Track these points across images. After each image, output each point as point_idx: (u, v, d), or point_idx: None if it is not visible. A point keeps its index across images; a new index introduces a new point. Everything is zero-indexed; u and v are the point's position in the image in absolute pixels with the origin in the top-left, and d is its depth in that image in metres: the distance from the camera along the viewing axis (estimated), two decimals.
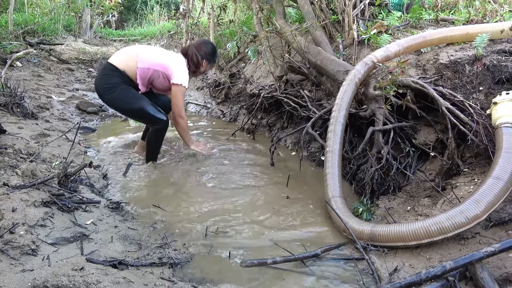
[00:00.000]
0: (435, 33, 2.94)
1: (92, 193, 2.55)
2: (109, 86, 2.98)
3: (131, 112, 3.16)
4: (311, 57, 3.53)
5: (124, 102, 3.03)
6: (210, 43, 3.47)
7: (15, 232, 1.76)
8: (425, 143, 2.68)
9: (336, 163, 2.55)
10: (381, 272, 1.80)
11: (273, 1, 4.51)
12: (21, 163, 2.49)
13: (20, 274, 1.53)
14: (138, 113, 3.08)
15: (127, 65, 3.03)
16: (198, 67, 3.28)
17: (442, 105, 2.44)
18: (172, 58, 3.13)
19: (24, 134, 3.22)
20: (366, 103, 2.91)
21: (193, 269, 1.90)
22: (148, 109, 3.04)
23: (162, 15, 12.85)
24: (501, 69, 2.48)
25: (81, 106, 4.95)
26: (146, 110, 3.03)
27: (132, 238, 2.07)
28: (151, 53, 3.11)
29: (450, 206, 2.06)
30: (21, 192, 2.06)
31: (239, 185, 2.93)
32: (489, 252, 1.61)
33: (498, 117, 2.14)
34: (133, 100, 3.02)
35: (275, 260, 1.90)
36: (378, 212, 2.45)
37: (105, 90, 3.00)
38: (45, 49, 7.28)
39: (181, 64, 3.13)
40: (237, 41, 5.76)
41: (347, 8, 3.59)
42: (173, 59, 3.13)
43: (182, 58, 3.20)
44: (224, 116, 5.09)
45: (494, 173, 1.89)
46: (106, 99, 3.09)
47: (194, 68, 3.27)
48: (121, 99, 3.01)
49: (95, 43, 9.89)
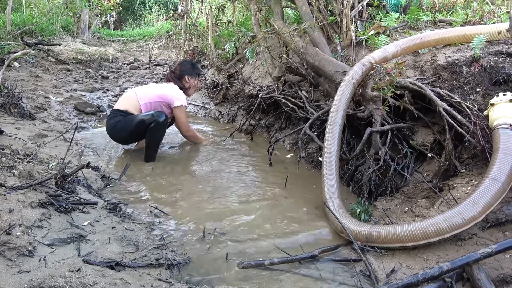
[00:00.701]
0: (432, 34, 2.95)
1: (89, 194, 2.54)
2: (113, 124, 3.34)
3: (137, 129, 3.30)
4: (309, 58, 3.54)
5: (127, 126, 3.31)
6: (186, 61, 4.06)
7: (11, 233, 1.75)
8: (422, 144, 2.69)
9: (334, 164, 2.55)
10: (379, 273, 1.80)
11: (271, 2, 4.52)
12: (18, 164, 2.48)
13: (17, 275, 1.53)
14: (140, 125, 3.26)
15: (129, 105, 3.41)
16: (185, 85, 3.68)
17: (440, 106, 2.45)
18: (165, 88, 3.57)
19: (21, 134, 3.21)
20: (364, 104, 2.91)
21: (191, 270, 1.90)
22: (144, 117, 3.27)
23: (160, 15, 12.87)
24: (498, 71, 2.49)
25: (79, 106, 4.94)
26: (143, 118, 3.26)
27: (130, 239, 2.06)
28: (146, 90, 3.54)
29: (448, 207, 2.06)
30: (18, 193, 2.05)
31: (237, 186, 2.93)
32: (486, 253, 1.61)
33: (495, 118, 2.14)
34: (131, 120, 3.31)
35: (273, 261, 1.90)
36: (376, 213, 2.45)
37: (112, 128, 3.36)
38: (43, 50, 7.28)
39: (174, 89, 3.56)
40: (235, 41, 5.76)
41: (345, 9, 3.60)
42: (165, 88, 3.56)
43: (172, 84, 3.62)
44: (222, 116, 5.09)
45: (491, 174, 1.90)
46: (116, 137, 3.44)
47: (183, 87, 3.67)
48: (123, 126, 3.32)
49: (93, 43, 9.89)
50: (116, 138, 3.46)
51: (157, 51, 9.99)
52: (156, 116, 3.24)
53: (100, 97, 5.87)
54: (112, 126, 3.35)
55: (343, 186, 2.82)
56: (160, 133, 3.33)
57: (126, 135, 3.38)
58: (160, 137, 3.36)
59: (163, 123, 3.27)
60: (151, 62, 8.76)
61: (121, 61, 8.84)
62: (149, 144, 3.30)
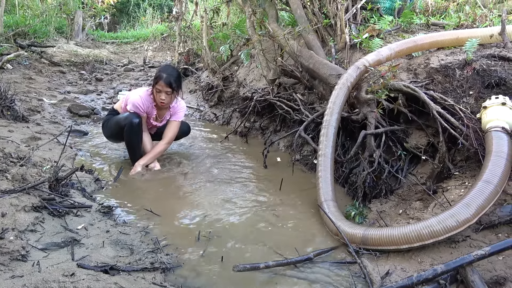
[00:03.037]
0: (426, 37, 2.97)
1: (83, 197, 2.53)
2: (103, 122, 3.40)
3: (115, 129, 3.23)
4: (303, 60, 3.55)
5: (109, 125, 3.30)
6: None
7: (4, 237, 1.74)
8: (416, 146, 2.70)
9: (329, 167, 2.56)
10: (373, 276, 1.81)
11: (266, 5, 4.53)
12: (11, 167, 2.46)
13: (10, 280, 1.51)
14: (116, 126, 3.19)
15: (118, 105, 3.45)
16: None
17: (433, 109, 2.47)
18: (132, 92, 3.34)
19: (14, 137, 3.18)
20: (358, 107, 2.92)
21: (186, 274, 1.89)
22: (120, 118, 3.18)
23: (155, 17, 12.84)
24: (491, 74, 2.51)
25: (73, 109, 4.91)
26: (118, 119, 3.19)
27: (124, 243, 2.05)
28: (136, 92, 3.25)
29: (441, 210, 2.07)
30: (11, 196, 2.03)
31: (231, 189, 2.92)
32: (479, 255, 1.62)
33: (488, 121, 2.17)
34: (112, 120, 3.28)
35: (268, 264, 1.89)
36: (370, 215, 2.46)
37: (102, 126, 3.43)
38: (36, 52, 7.22)
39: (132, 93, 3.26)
40: (230, 44, 5.77)
41: (339, 12, 3.62)
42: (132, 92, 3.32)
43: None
44: (217, 119, 5.09)
45: (484, 176, 1.92)
46: (104, 134, 3.44)
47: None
48: (107, 125, 3.33)
49: (87, 45, 9.85)
50: (105, 136, 3.44)
51: (152, 53, 9.97)
52: (129, 118, 3.06)
53: (94, 100, 5.84)
54: (102, 124, 3.44)
55: (338, 188, 2.83)
56: (132, 135, 3.11)
57: (108, 134, 3.37)
58: (133, 138, 3.13)
59: (136, 124, 3.07)
60: (146, 64, 8.73)
61: (115, 63, 8.80)
62: (126, 146, 3.21)
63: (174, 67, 3.36)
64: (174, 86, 3.02)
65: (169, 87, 3.01)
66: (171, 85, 3.00)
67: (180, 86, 3.16)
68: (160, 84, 3.01)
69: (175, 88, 3.05)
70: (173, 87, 3.02)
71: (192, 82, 6.35)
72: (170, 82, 2.99)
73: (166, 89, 3.01)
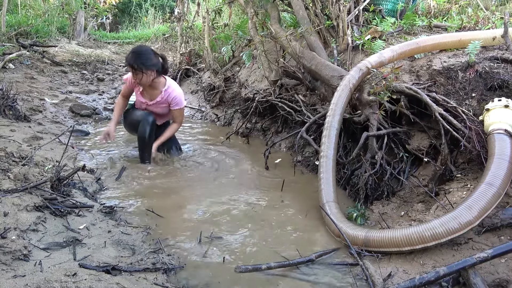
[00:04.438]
0: (428, 39, 2.97)
1: (85, 197, 2.53)
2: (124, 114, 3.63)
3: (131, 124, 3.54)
4: (305, 62, 3.55)
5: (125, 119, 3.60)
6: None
7: (6, 237, 1.74)
8: (418, 148, 2.70)
9: (330, 168, 2.55)
10: (375, 278, 1.80)
11: (268, 6, 4.54)
12: (13, 167, 2.46)
13: (12, 280, 1.51)
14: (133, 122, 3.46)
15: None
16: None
17: (435, 111, 2.46)
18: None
19: (16, 137, 3.19)
20: (360, 109, 2.92)
21: (187, 275, 1.89)
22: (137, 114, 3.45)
23: (156, 18, 12.84)
24: (493, 76, 2.51)
25: (75, 109, 4.91)
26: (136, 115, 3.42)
27: (126, 243, 2.05)
28: None
29: (444, 212, 2.07)
30: (13, 196, 2.04)
31: (233, 190, 2.92)
32: (482, 258, 1.62)
33: (490, 124, 2.16)
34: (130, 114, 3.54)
35: (270, 265, 1.89)
36: (372, 217, 2.46)
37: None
38: (38, 51, 7.23)
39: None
40: (232, 45, 5.77)
41: (342, 13, 3.62)
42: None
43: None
44: (219, 120, 5.09)
45: (487, 179, 1.92)
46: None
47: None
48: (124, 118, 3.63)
49: (89, 45, 9.85)
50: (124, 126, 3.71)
51: None
52: (144, 115, 3.32)
53: (95, 99, 5.85)
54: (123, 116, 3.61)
55: (340, 190, 2.83)
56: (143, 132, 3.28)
57: (126, 127, 3.67)
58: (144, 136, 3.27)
59: (150, 123, 3.29)
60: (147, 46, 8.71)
61: (117, 63, 8.80)
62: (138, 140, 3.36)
63: (145, 47, 3.40)
64: (135, 66, 3.08)
65: (131, 67, 3.12)
66: (132, 65, 3.10)
67: (146, 66, 3.09)
68: (126, 64, 3.27)
69: (137, 69, 3.09)
70: (134, 67, 3.09)
71: (193, 82, 6.36)
72: (130, 63, 3.10)
73: (129, 69, 3.18)
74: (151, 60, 3.13)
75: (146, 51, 3.19)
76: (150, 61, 3.12)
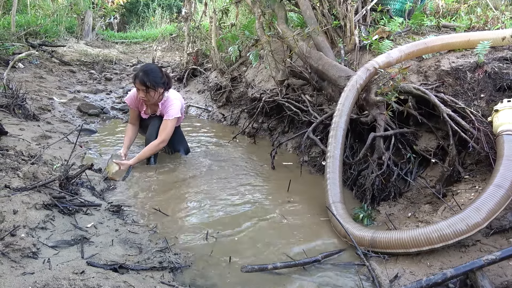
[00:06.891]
0: (436, 39, 2.95)
1: (93, 196, 2.55)
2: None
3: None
4: (312, 62, 3.54)
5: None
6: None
7: (16, 234, 1.76)
8: (426, 149, 2.68)
9: (337, 169, 2.55)
10: (382, 279, 1.80)
11: (275, 6, 4.53)
12: (22, 165, 2.49)
13: (21, 277, 1.53)
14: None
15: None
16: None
17: (443, 112, 2.45)
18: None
19: (25, 135, 3.22)
20: (367, 109, 2.91)
21: (194, 274, 1.90)
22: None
23: (164, 17, 12.90)
24: (503, 77, 2.49)
25: (83, 108, 4.96)
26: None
27: (133, 242, 2.06)
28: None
29: (451, 213, 2.06)
30: (22, 194, 2.06)
31: (240, 189, 2.93)
32: (490, 260, 1.61)
33: (499, 125, 2.14)
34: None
35: (276, 265, 1.89)
36: (379, 218, 2.45)
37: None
38: (47, 51, 7.30)
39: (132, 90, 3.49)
40: (238, 45, 5.78)
41: (349, 13, 3.61)
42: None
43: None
44: (225, 119, 5.10)
45: (495, 180, 1.90)
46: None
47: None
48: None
49: (97, 45, 9.93)
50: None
51: (161, 53, 10.01)
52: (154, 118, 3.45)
53: (103, 99, 5.89)
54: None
55: (346, 190, 2.82)
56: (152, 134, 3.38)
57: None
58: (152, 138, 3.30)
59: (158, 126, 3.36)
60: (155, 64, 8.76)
61: (124, 63, 8.86)
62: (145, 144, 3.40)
63: (153, 65, 3.37)
64: (148, 84, 3.12)
65: (143, 86, 3.13)
66: (145, 83, 3.11)
67: (157, 83, 3.15)
68: (136, 82, 3.17)
69: (150, 86, 3.13)
70: (147, 85, 3.12)
71: (200, 82, 6.38)
72: (143, 81, 3.11)
73: (141, 87, 3.15)
74: (161, 77, 3.23)
75: (155, 69, 3.26)
76: (160, 78, 3.21)
